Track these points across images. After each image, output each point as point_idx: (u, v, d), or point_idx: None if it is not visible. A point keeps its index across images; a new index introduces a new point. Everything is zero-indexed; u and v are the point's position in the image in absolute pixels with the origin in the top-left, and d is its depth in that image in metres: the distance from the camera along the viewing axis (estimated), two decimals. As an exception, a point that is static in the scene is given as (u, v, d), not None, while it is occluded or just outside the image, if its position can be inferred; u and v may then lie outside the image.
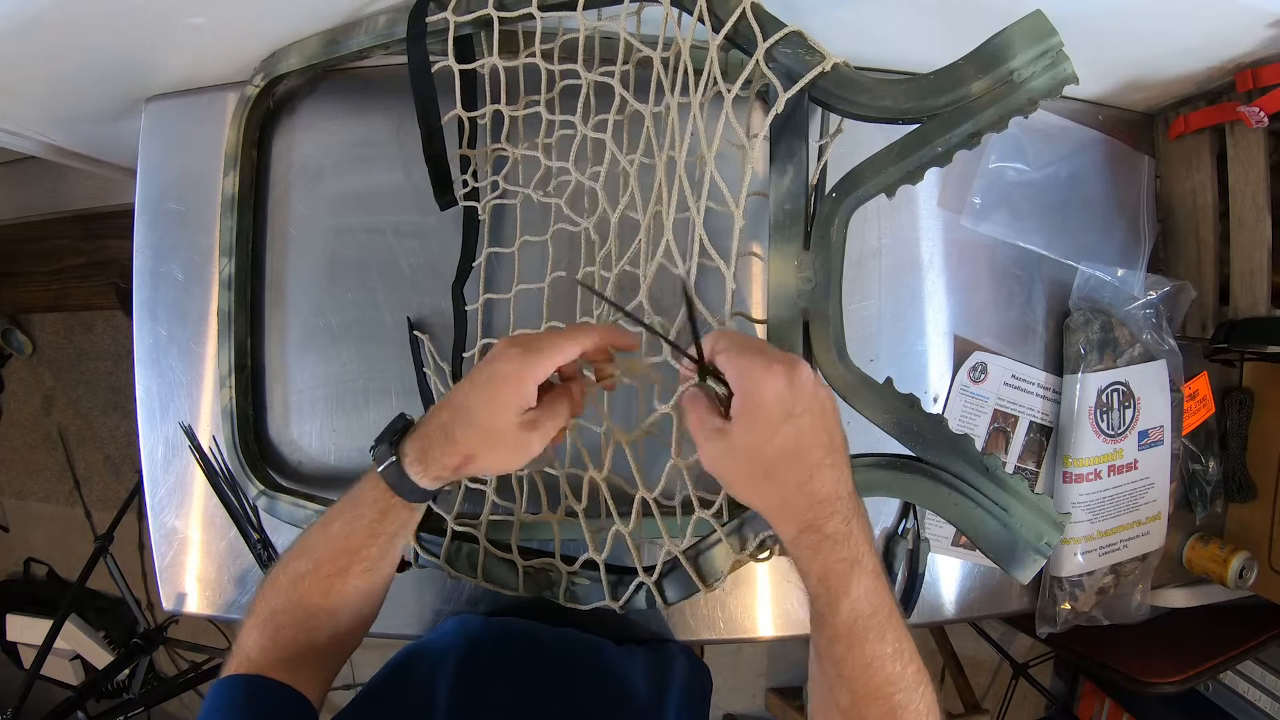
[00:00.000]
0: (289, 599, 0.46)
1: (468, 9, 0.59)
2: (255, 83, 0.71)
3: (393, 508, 0.46)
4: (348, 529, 0.47)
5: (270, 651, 0.45)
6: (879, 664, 0.38)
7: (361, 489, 0.47)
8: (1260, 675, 1.01)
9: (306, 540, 0.48)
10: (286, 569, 0.47)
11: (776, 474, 0.38)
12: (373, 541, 0.47)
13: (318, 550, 0.47)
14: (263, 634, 0.45)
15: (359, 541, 0.46)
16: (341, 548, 0.46)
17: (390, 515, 0.47)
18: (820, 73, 0.47)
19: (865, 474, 0.49)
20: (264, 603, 0.46)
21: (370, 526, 0.46)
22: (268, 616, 0.46)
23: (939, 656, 1.35)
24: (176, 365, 0.75)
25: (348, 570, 0.46)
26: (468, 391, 0.44)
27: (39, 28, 0.61)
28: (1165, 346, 0.74)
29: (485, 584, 0.60)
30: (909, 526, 0.73)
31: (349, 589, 0.47)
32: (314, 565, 0.46)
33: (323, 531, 0.47)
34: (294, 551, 0.48)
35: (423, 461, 0.45)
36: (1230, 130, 0.70)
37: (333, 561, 0.46)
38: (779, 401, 0.37)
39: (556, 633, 0.60)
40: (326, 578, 0.46)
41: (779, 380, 0.37)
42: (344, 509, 0.47)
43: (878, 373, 0.49)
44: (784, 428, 0.37)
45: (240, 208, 0.72)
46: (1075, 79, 0.44)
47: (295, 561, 0.47)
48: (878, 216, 0.74)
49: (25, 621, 1.61)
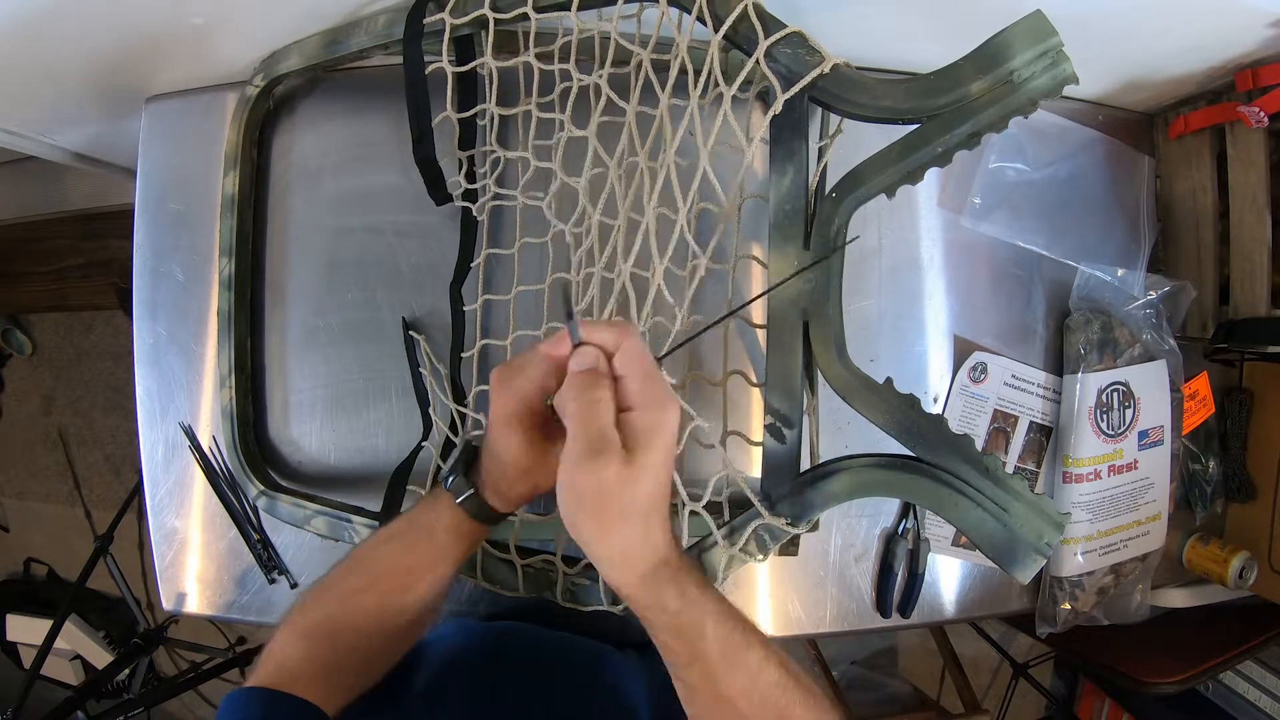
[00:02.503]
0: (344, 610, 0.46)
1: (464, 10, 0.59)
2: (255, 83, 0.71)
3: (471, 531, 0.47)
4: (414, 548, 0.47)
5: (312, 661, 0.44)
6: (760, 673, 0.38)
7: (433, 513, 0.47)
8: (1260, 675, 1.01)
9: (366, 555, 0.48)
10: (344, 581, 0.47)
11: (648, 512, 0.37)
12: (439, 563, 0.47)
13: (377, 568, 0.47)
14: (309, 642, 0.44)
15: (425, 560, 0.47)
16: (405, 566, 0.47)
17: (465, 539, 0.47)
18: (820, 74, 0.47)
19: (865, 474, 0.49)
20: (308, 615, 0.46)
21: (440, 548, 0.47)
22: (316, 623, 0.45)
23: (939, 656, 1.35)
24: (176, 365, 0.75)
25: (408, 589, 0.46)
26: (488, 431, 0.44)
27: (39, 28, 0.61)
28: (1165, 346, 0.74)
29: (485, 584, 0.60)
30: (909, 526, 0.73)
31: (407, 608, 0.47)
32: (373, 580, 0.46)
33: (385, 549, 0.47)
34: (351, 564, 0.48)
35: (499, 494, 0.46)
36: (1230, 130, 0.70)
37: (394, 579, 0.46)
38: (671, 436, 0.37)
39: (555, 636, 0.60)
40: (386, 594, 0.46)
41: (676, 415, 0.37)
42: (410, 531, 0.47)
43: (878, 373, 0.49)
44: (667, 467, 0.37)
45: (240, 208, 0.72)
46: (1075, 79, 0.44)
47: (350, 577, 0.47)
48: (878, 216, 0.74)
49: (25, 621, 1.61)
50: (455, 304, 0.69)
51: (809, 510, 0.50)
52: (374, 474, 0.72)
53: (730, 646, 0.38)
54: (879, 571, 0.74)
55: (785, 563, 0.72)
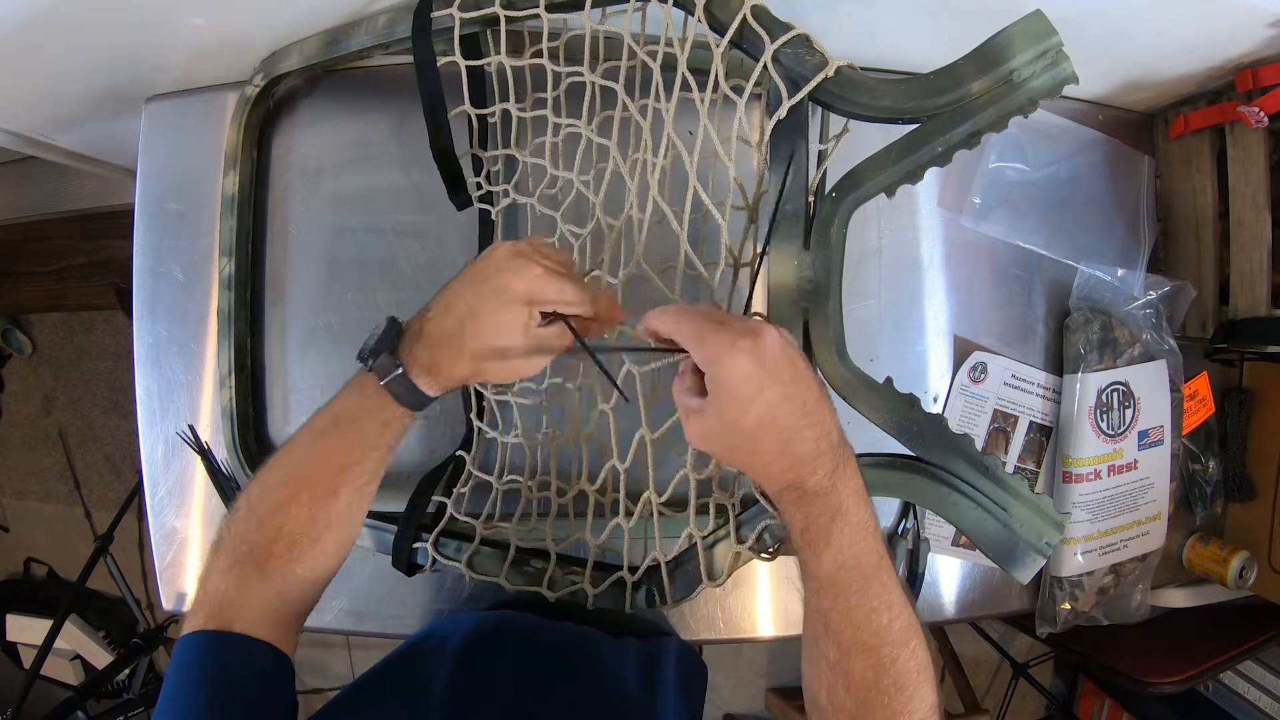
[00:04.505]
0: (270, 530, 0.43)
1: (475, 6, 0.59)
2: (255, 83, 0.71)
3: (397, 418, 0.44)
4: (340, 445, 0.44)
5: (248, 594, 0.42)
6: (863, 616, 0.38)
7: (358, 401, 0.44)
8: (1260, 675, 1.01)
9: (285, 465, 0.44)
10: (264, 499, 0.43)
11: (754, 443, 0.38)
12: (370, 455, 0.44)
13: (302, 473, 0.44)
14: (241, 572, 0.42)
15: (354, 457, 0.44)
16: (334, 465, 0.43)
17: (393, 426, 0.45)
18: (825, 77, 0.47)
19: (865, 474, 0.48)
20: (238, 538, 0.43)
21: (369, 440, 0.44)
22: (246, 552, 0.42)
23: (939, 656, 1.35)
24: (176, 365, 0.75)
25: (339, 491, 0.44)
26: (473, 301, 0.42)
27: (39, 28, 0.61)
28: (1165, 346, 0.74)
29: (473, 575, 0.60)
30: (909, 526, 0.73)
31: (338, 511, 0.44)
32: (298, 489, 0.43)
33: (308, 450, 0.44)
34: (268, 479, 0.44)
35: (431, 372, 0.43)
36: (1230, 130, 0.70)
37: (323, 483, 0.43)
38: (745, 380, 0.37)
39: (552, 626, 0.60)
40: (314, 501, 0.43)
41: (743, 359, 0.37)
42: (333, 422, 0.44)
43: (878, 373, 0.49)
44: (755, 403, 0.37)
45: (240, 208, 0.72)
46: (1075, 79, 0.44)
47: (273, 490, 0.43)
48: (878, 216, 0.74)
49: (25, 621, 1.61)
50: None
51: (809, 510, 0.50)
52: (374, 474, 0.72)
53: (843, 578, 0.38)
54: (879, 571, 0.74)
55: (785, 563, 0.71)
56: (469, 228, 0.70)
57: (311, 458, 0.44)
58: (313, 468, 0.44)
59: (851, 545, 0.38)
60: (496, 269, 0.42)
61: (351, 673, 0.55)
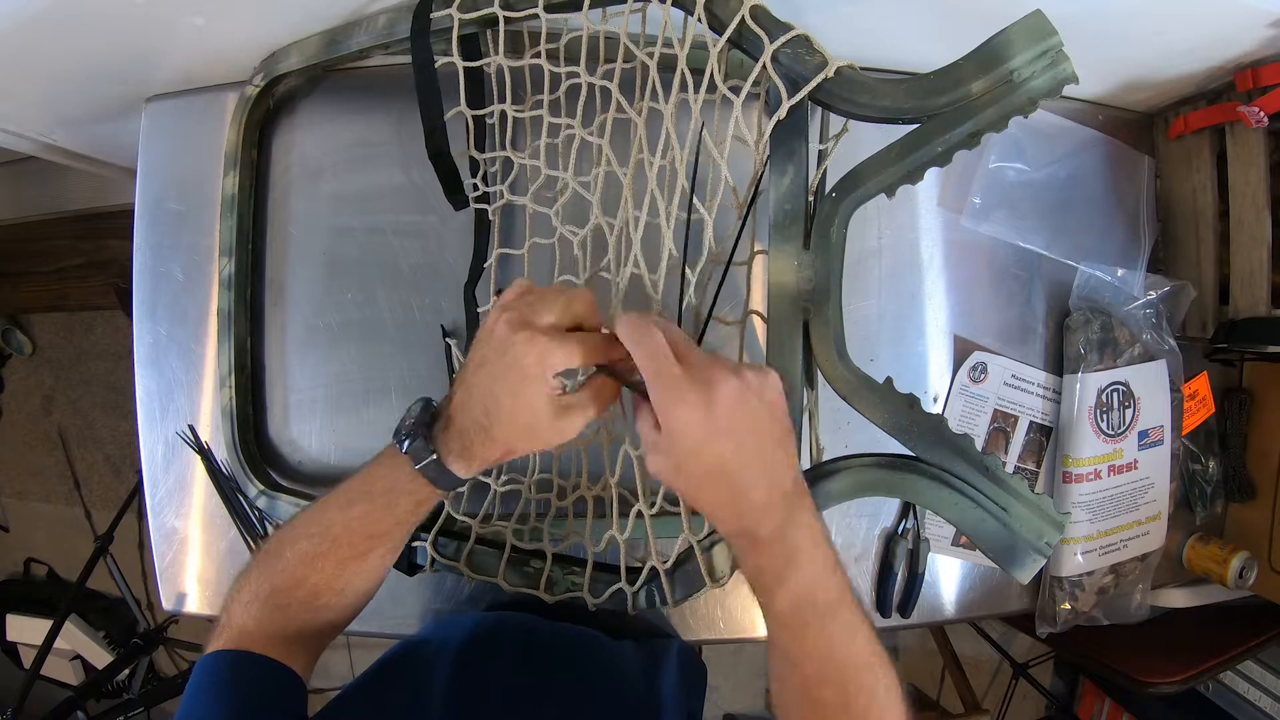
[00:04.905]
0: (296, 577, 0.45)
1: (474, 6, 0.59)
2: (255, 83, 0.71)
3: (430, 497, 0.46)
4: (372, 515, 0.46)
5: (267, 627, 0.44)
6: (826, 648, 0.39)
7: (393, 478, 0.45)
8: (1260, 675, 1.01)
9: (319, 519, 0.46)
10: (295, 547, 0.45)
11: (703, 490, 0.39)
12: (399, 528, 0.46)
13: (333, 534, 0.45)
14: (262, 609, 0.44)
15: (384, 528, 0.46)
16: (364, 533, 0.45)
17: (425, 504, 0.46)
18: (825, 77, 0.47)
19: (865, 474, 0.49)
20: (263, 578, 0.45)
21: (400, 515, 0.46)
22: (268, 593, 0.45)
23: (939, 656, 1.35)
24: (176, 365, 0.75)
25: (367, 555, 0.46)
26: (490, 387, 0.42)
27: (39, 28, 0.61)
28: (1165, 346, 0.74)
29: (470, 575, 0.60)
30: (909, 526, 0.73)
31: (363, 570, 0.46)
32: (329, 547, 0.45)
33: (342, 514, 0.46)
34: (302, 529, 0.46)
35: (464, 457, 0.43)
36: (1230, 130, 0.70)
37: (352, 545, 0.45)
38: (690, 430, 0.37)
39: (552, 626, 0.60)
40: (343, 560, 0.45)
41: (689, 413, 0.37)
42: (368, 494, 0.46)
43: (878, 373, 0.49)
44: (703, 454, 0.38)
45: (240, 208, 0.72)
46: (1075, 79, 0.44)
47: (306, 541, 0.45)
48: (878, 216, 0.74)
49: (25, 621, 1.61)
50: (469, 305, 0.69)
51: (809, 510, 0.50)
52: (374, 474, 0.72)
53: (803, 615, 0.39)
54: (879, 571, 0.74)
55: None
56: (469, 228, 0.70)
57: (343, 522, 0.46)
58: (343, 531, 0.46)
59: (809, 585, 0.39)
60: (499, 351, 0.41)
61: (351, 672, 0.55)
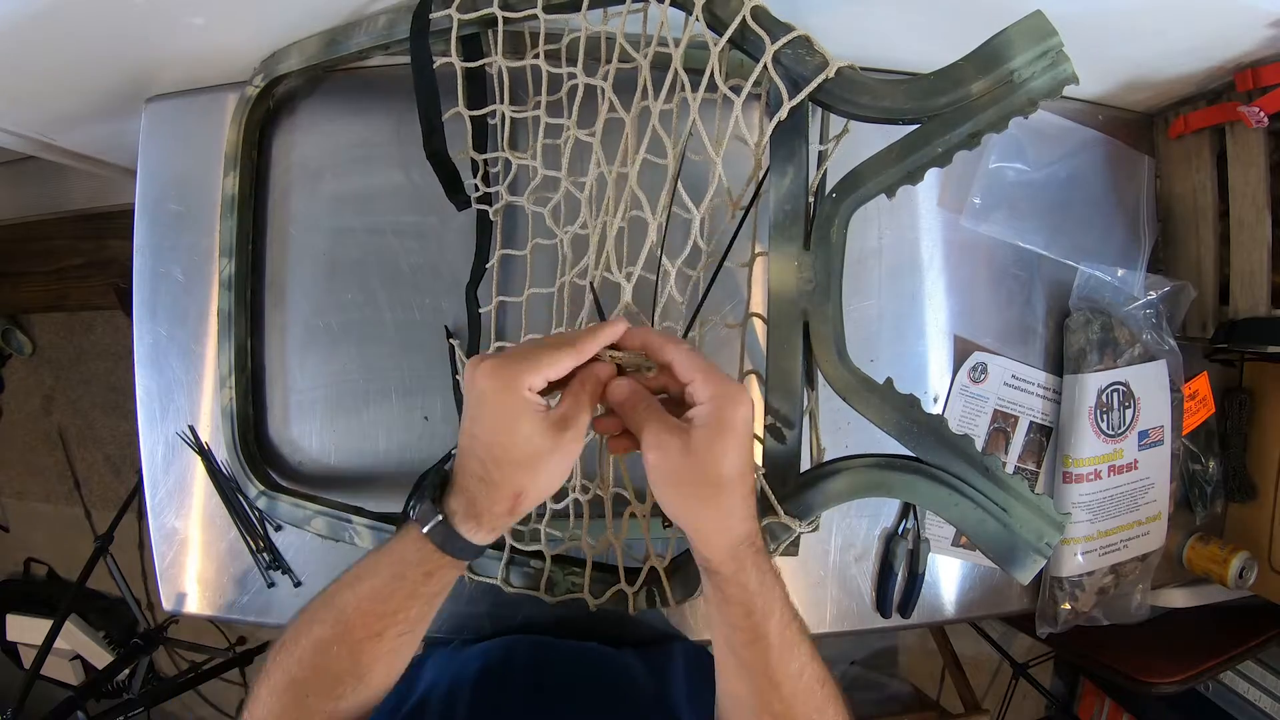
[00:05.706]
0: (313, 666, 0.42)
1: (473, 7, 0.59)
2: (255, 83, 0.71)
3: (441, 568, 0.43)
4: (384, 591, 0.43)
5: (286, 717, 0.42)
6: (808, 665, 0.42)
7: (401, 548, 0.43)
8: (1260, 675, 1.01)
9: (331, 603, 0.44)
10: (310, 634, 0.43)
11: (721, 493, 0.39)
12: (412, 603, 0.43)
13: (346, 614, 0.43)
14: (279, 703, 0.42)
15: (397, 604, 0.43)
16: (376, 611, 0.42)
17: (437, 576, 0.43)
18: (825, 78, 0.47)
19: (865, 474, 0.49)
20: (280, 669, 0.42)
21: (412, 589, 0.42)
22: (286, 684, 0.42)
23: (939, 656, 1.35)
24: (176, 365, 0.75)
25: (383, 635, 0.42)
26: (481, 436, 0.40)
27: (39, 28, 0.61)
28: (1165, 346, 0.75)
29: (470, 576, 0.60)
30: (909, 526, 0.73)
31: (382, 652, 0.43)
32: (343, 630, 0.42)
33: (353, 594, 0.43)
34: (316, 615, 0.44)
35: (475, 517, 0.41)
36: (1230, 130, 0.70)
37: (365, 626, 0.42)
38: (745, 422, 0.39)
39: (558, 645, 0.60)
40: (358, 643, 0.42)
41: (747, 404, 0.40)
42: (377, 569, 0.43)
43: (878, 373, 0.49)
44: (744, 449, 0.39)
45: (240, 208, 0.72)
46: (1075, 79, 0.44)
47: (319, 626, 0.43)
48: (878, 216, 0.74)
49: (25, 621, 1.61)
50: (471, 306, 0.69)
51: (809, 510, 0.50)
52: (374, 474, 0.72)
53: (789, 634, 0.41)
54: (879, 571, 0.74)
55: (785, 563, 0.71)
56: (469, 228, 0.70)
57: (354, 602, 0.43)
58: (355, 612, 0.43)
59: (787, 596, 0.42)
60: (478, 400, 0.40)
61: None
